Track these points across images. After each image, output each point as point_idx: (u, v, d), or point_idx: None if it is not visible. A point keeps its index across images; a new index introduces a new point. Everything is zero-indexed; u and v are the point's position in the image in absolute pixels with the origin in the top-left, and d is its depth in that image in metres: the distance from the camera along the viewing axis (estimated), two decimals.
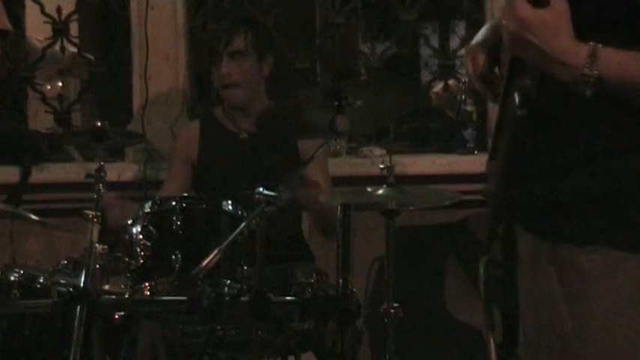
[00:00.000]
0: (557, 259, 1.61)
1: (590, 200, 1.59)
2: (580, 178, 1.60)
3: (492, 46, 1.75)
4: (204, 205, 2.82)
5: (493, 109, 3.67)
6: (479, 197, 3.29)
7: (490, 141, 3.67)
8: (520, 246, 1.71)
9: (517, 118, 1.58)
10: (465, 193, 3.14)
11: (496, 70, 1.78)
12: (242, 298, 2.64)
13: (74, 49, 4.03)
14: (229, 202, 2.79)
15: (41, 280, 2.88)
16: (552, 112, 1.62)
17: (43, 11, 3.93)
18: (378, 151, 3.72)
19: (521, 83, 1.58)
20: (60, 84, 4.41)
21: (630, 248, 1.57)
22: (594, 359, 1.58)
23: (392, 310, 2.88)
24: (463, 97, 3.65)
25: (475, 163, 3.61)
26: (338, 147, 3.70)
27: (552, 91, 1.58)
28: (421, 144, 3.93)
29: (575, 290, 1.59)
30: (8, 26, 2.09)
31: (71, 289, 2.71)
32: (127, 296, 2.75)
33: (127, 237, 2.79)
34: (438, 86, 4.01)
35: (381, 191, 2.91)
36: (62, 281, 2.85)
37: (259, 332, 2.62)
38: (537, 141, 1.63)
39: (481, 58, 1.74)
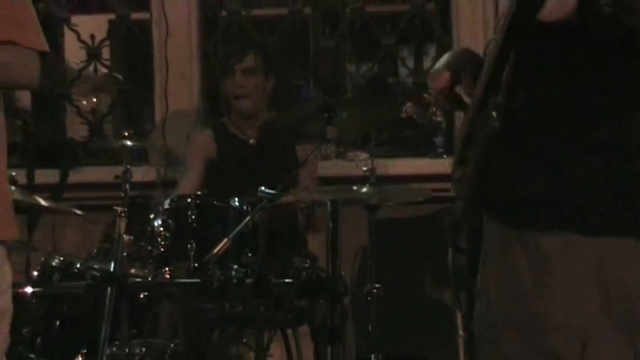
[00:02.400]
0: (523, 241, 1.57)
1: (549, 193, 1.56)
2: (540, 177, 1.57)
3: (455, 68, 1.70)
4: (215, 202, 2.81)
5: (459, 120, 3.68)
6: (447, 194, 3.31)
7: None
8: (489, 233, 1.66)
9: (494, 131, 1.55)
10: (435, 190, 3.14)
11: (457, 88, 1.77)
12: (247, 281, 2.65)
13: (105, 70, 4.02)
14: (236, 199, 2.78)
15: (78, 266, 2.88)
16: (517, 123, 1.58)
17: (79, 38, 3.93)
18: (362, 155, 3.71)
19: (495, 101, 1.55)
20: (93, 99, 4.41)
21: (585, 232, 1.54)
22: (552, 327, 1.55)
23: (374, 290, 2.88)
24: (434, 109, 3.64)
25: (444, 165, 3.61)
26: (328, 152, 3.71)
27: (518, 107, 1.57)
28: (398, 149, 3.93)
29: (539, 267, 1.56)
30: (47, 48, 2.08)
31: (103, 273, 2.72)
32: (149, 279, 2.74)
33: (149, 229, 2.78)
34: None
35: (364, 189, 2.91)
36: (95, 266, 2.84)
37: (262, 309, 2.64)
38: (505, 149, 1.59)
39: (444, 79, 1.70)
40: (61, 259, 2.91)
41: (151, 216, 2.81)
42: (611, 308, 1.55)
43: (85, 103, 4.21)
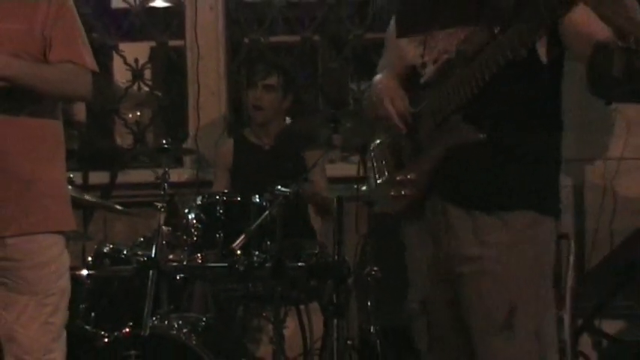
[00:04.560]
0: (492, 219, 1.65)
1: (511, 184, 1.66)
2: (503, 173, 1.66)
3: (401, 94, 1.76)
4: (239, 199, 2.81)
5: None
6: None
7: None
8: (450, 218, 1.71)
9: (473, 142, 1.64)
10: None
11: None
12: (266, 264, 2.65)
13: (147, 89, 4.03)
14: (257, 196, 2.79)
15: (125, 252, 2.89)
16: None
17: (125, 62, 3.94)
18: None
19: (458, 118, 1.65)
20: (137, 113, 4.42)
21: (543, 212, 1.66)
22: (507, 279, 1.64)
23: (373, 272, 2.86)
24: None
25: None
26: (334, 156, 3.70)
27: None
28: None
29: (508, 239, 1.64)
30: (97, 68, 2.11)
31: (146, 259, 2.73)
32: (185, 263, 2.75)
33: (184, 222, 2.79)
34: None
35: (364, 187, 2.91)
36: (140, 253, 2.85)
37: (279, 288, 2.64)
38: (473, 160, 1.67)
39: (403, 103, 1.74)
40: (111, 246, 2.92)
41: (186, 210, 2.81)
42: (549, 264, 1.69)
43: (130, 116, 4.22)
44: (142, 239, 3.01)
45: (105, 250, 2.89)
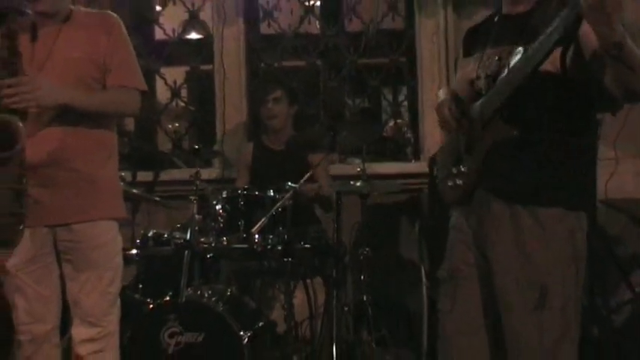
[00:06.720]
0: (528, 213, 1.63)
1: (541, 183, 1.63)
2: (539, 174, 1.63)
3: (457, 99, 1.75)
4: (257, 193, 2.83)
5: (424, 137, 3.70)
6: (414, 187, 3.33)
7: (424, 155, 3.66)
8: (491, 209, 1.67)
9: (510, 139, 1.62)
10: (406, 184, 3.16)
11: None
12: (279, 246, 2.67)
13: (183, 104, 4.05)
14: (271, 190, 2.81)
15: (165, 236, 2.91)
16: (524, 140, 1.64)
17: (165, 83, 3.94)
18: (356, 160, 3.71)
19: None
20: (176, 124, 4.44)
21: (570, 207, 1.63)
22: (545, 266, 1.61)
23: (365, 252, 2.90)
24: (405, 128, 3.67)
25: (412, 167, 3.60)
26: (333, 158, 3.73)
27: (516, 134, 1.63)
28: (381, 156, 3.93)
29: (537, 232, 1.62)
30: (146, 88, 2.17)
31: (182, 241, 2.76)
32: (213, 245, 2.77)
33: (212, 211, 2.81)
34: (391, 123, 4.02)
35: (359, 183, 2.94)
36: (177, 236, 2.87)
37: (289, 265, 2.67)
38: (514, 153, 1.65)
39: (454, 109, 1.71)
40: (154, 231, 2.94)
41: (214, 202, 2.83)
42: (577, 252, 1.63)
43: (170, 126, 4.24)
44: (179, 226, 3.03)
45: (149, 235, 2.92)
